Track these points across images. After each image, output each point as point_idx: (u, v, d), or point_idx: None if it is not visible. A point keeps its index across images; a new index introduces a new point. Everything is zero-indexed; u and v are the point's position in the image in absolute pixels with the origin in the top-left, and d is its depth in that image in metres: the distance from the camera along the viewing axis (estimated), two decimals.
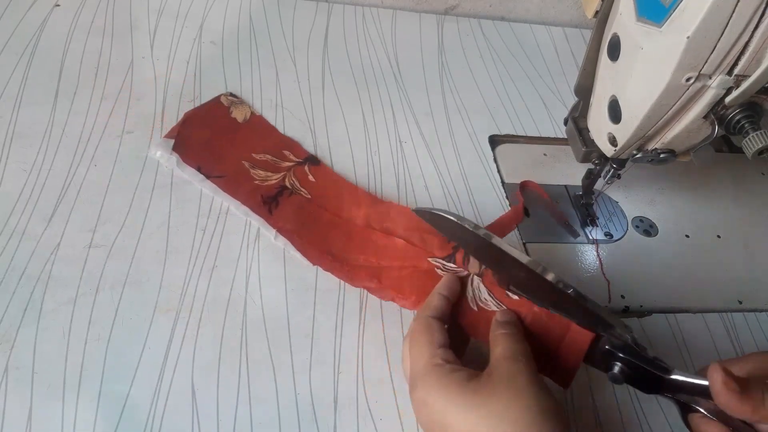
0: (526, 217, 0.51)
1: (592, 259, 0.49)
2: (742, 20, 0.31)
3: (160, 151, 0.48)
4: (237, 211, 0.46)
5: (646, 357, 0.35)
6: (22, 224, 0.43)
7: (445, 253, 0.42)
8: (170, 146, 0.48)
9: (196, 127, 0.50)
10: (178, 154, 0.48)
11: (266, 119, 0.54)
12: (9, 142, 0.47)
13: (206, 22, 0.62)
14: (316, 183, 0.49)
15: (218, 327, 0.40)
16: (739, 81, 0.34)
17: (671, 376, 0.35)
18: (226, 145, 0.50)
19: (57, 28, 0.58)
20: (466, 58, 0.66)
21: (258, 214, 0.46)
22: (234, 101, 0.54)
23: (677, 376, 0.34)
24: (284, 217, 0.46)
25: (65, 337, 0.38)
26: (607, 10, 0.40)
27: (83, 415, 0.35)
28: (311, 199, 0.47)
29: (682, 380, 0.34)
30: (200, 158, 0.48)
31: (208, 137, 0.50)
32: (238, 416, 0.36)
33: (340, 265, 0.43)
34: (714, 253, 0.52)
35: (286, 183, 0.48)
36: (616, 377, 0.35)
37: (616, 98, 0.39)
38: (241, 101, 0.54)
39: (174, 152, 0.48)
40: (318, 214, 0.47)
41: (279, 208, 0.46)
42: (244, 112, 0.53)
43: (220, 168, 0.48)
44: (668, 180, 0.57)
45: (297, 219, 0.46)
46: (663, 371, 0.35)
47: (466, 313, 0.40)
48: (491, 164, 0.55)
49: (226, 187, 0.47)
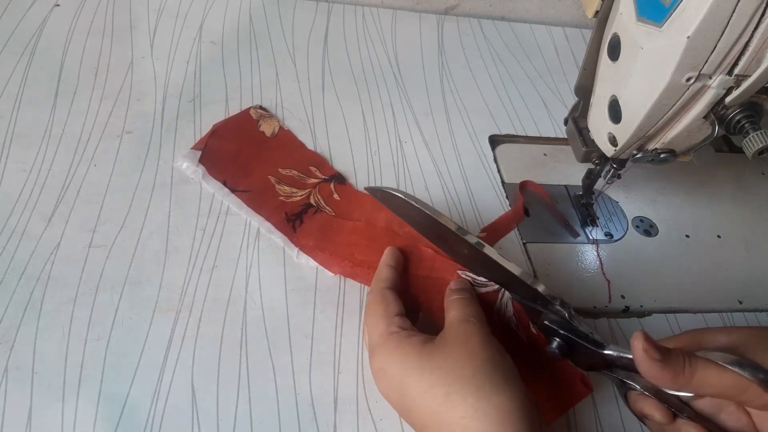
0: (527, 216, 0.51)
1: (592, 259, 0.49)
2: (743, 20, 0.31)
3: (186, 162, 0.47)
4: (260, 227, 0.45)
5: (581, 332, 0.36)
6: (22, 224, 0.43)
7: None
8: (197, 158, 0.47)
9: (223, 140, 0.50)
10: (205, 167, 0.47)
11: (294, 134, 0.53)
12: (9, 142, 0.47)
13: (206, 22, 0.62)
14: (341, 201, 0.48)
15: (218, 327, 0.40)
16: (740, 81, 0.34)
17: (605, 351, 0.35)
18: (253, 160, 0.49)
19: (57, 28, 0.58)
20: (466, 58, 0.66)
21: (281, 231, 0.45)
22: (263, 114, 0.53)
23: (610, 351, 0.35)
24: (307, 234, 0.45)
25: (65, 337, 0.38)
26: (607, 9, 0.40)
27: (83, 415, 0.35)
28: (335, 217, 0.47)
29: (615, 355, 0.35)
30: (226, 172, 0.48)
31: (235, 150, 0.49)
32: (238, 416, 0.36)
33: (361, 270, 0.43)
34: (714, 253, 0.52)
35: (311, 200, 0.47)
36: (554, 352, 0.36)
37: (616, 98, 0.39)
38: (270, 115, 0.53)
39: (200, 164, 0.47)
40: (340, 226, 0.46)
41: (303, 225, 0.46)
42: (272, 126, 0.52)
43: (246, 183, 0.47)
44: (668, 180, 0.57)
45: (319, 234, 0.45)
46: (597, 346, 0.35)
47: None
48: (491, 164, 0.55)
49: (250, 202, 0.46)
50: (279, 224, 0.46)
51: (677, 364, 0.31)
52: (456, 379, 0.31)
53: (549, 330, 0.37)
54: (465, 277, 0.40)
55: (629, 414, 0.36)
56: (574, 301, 0.38)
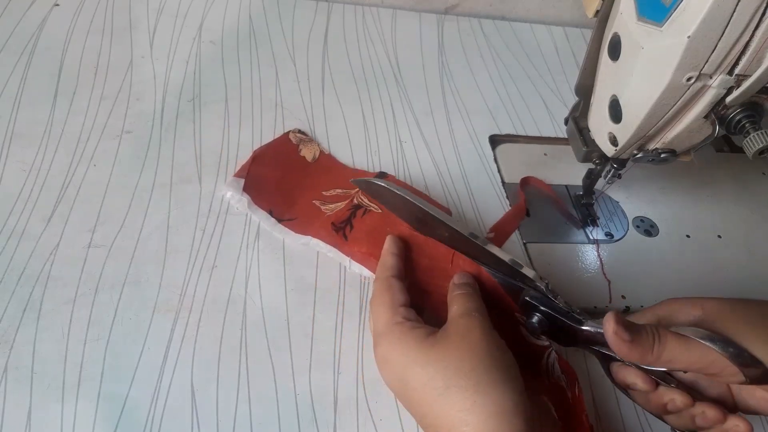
0: (527, 216, 0.51)
1: (592, 259, 0.49)
2: (743, 20, 0.31)
3: (230, 191, 0.46)
4: (309, 245, 0.45)
5: (560, 308, 0.36)
6: (22, 224, 0.42)
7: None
8: (240, 186, 0.47)
9: (265, 166, 0.49)
10: (249, 195, 0.46)
11: (335, 157, 0.52)
12: (8, 141, 0.47)
13: (206, 21, 0.62)
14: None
15: (218, 327, 0.40)
16: (740, 81, 0.34)
17: (583, 327, 0.36)
18: (296, 187, 0.48)
19: (56, 27, 0.58)
20: (466, 58, 0.66)
21: (331, 244, 0.44)
22: (303, 139, 0.52)
23: (589, 327, 0.36)
24: (359, 239, 0.44)
25: (64, 337, 0.38)
26: (607, 9, 0.40)
27: (83, 415, 0.35)
28: (383, 214, 0.45)
29: (594, 331, 0.36)
30: (272, 200, 0.47)
31: (278, 178, 0.48)
32: (237, 416, 0.36)
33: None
34: (715, 253, 0.52)
35: (355, 201, 0.46)
36: (534, 327, 0.37)
37: (616, 98, 0.39)
38: (309, 139, 0.53)
39: (245, 193, 0.46)
40: (392, 226, 0.44)
41: (354, 230, 0.44)
42: (312, 150, 0.51)
43: (292, 211, 0.47)
44: (669, 180, 0.57)
45: (370, 239, 0.44)
46: (576, 322, 0.36)
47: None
48: (491, 164, 0.55)
49: (297, 228, 0.46)
50: (328, 237, 0.45)
51: (646, 342, 0.32)
52: (455, 372, 0.32)
53: (529, 306, 0.37)
54: (520, 318, 0.40)
55: (626, 401, 0.36)
56: (574, 301, 0.38)
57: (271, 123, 0.54)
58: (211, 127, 0.52)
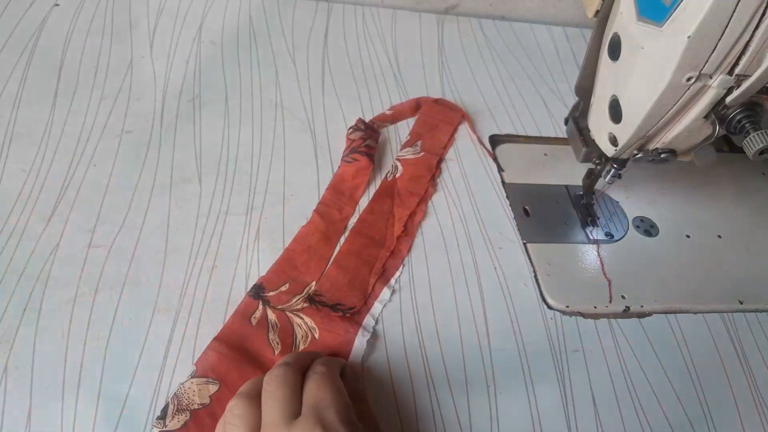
0: (527, 216, 0.51)
1: (592, 259, 0.49)
2: (743, 20, 0.31)
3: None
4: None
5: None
6: (22, 224, 0.42)
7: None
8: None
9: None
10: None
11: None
12: (8, 141, 0.47)
13: (206, 21, 0.62)
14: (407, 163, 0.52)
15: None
16: (740, 81, 0.34)
17: None
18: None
19: (56, 27, 0.58)
20: (466, 58, 0.66)
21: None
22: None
23: None
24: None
25: (64, 337, 0.38)
26: (607, 9, 0.40)
27: (83, 415, 0.35)
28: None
29: None
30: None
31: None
32: None
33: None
34: (715, 253, 0.52)
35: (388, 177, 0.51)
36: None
37: (616, 98, 0.39)
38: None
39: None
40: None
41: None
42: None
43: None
44: (669, 180, 0.57)
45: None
46: None
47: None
48: (491, 164, 0.55)
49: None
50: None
51: None
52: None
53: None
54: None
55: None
56: (574, 301, 0.38)
57: (271, 123, 0.54)
58: (211, 127, 0.52)
